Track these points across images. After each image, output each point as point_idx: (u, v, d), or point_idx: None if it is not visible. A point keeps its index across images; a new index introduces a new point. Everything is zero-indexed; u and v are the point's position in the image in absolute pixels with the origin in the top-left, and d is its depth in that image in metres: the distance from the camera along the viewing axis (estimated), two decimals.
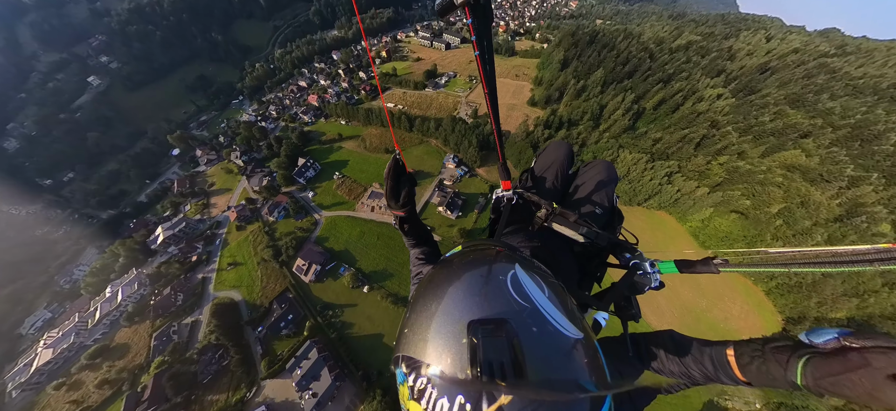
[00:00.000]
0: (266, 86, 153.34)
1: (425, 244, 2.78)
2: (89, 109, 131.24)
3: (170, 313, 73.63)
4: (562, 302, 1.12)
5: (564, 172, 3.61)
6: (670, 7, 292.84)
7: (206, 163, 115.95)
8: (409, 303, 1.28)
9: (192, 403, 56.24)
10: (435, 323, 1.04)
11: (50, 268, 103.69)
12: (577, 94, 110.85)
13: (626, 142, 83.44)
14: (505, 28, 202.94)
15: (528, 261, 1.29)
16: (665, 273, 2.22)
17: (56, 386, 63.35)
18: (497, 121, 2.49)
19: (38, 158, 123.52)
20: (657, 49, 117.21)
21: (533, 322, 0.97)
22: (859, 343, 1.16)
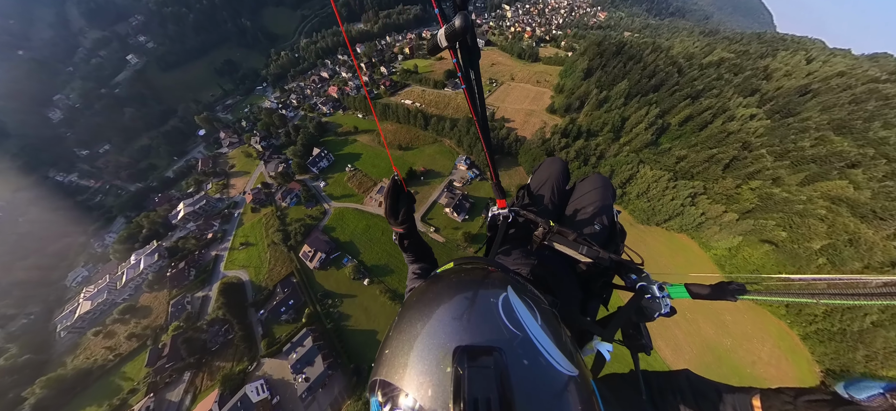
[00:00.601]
0: (289, 74, 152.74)
1: (424, 260, 2.62)
2: (127, 86, 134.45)
3: (183, 286, 75.79)
4: (555, 332, 1.00)
5: (560, 188, 3.40)
6: (702, 24, 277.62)
7: (228, 145, 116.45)
8: (395, 320, 1.12)
9: (203, 365, 59.29)
10: (418, 345, 0.92)
11: (87, 231, 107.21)
12: (598, 105, 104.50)
13: (647, 158, 77.17)
14: (530, 34, 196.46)
15: (520, 283, 1.17)
16: (675, 298, 1.93)
17: (94, 333, 69.44)
18: (489, 146, 2.32)
19: (79, 129, 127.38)
20: (686, 64, 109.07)
21: (524, 353, 0.85)
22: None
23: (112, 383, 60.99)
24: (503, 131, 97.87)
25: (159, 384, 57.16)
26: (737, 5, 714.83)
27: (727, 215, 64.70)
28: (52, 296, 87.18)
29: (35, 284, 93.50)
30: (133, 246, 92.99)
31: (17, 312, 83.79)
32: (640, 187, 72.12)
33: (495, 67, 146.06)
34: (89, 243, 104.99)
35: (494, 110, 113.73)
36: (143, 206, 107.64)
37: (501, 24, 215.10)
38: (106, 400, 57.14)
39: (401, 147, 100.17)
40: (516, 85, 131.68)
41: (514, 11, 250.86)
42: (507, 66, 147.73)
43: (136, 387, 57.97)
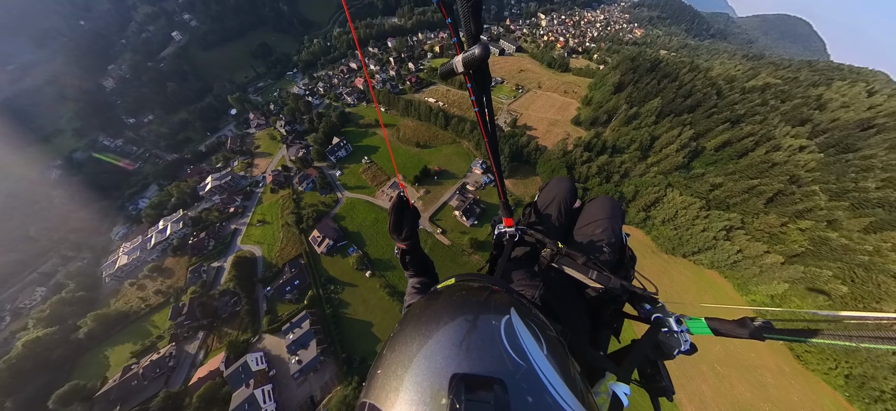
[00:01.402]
0: (319, 62, 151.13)
1: (424, 275, 2.45)
2: (171, 61, 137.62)
3: (202, 255, 77.82)
4: (563, 365, 0.86)
5: (568, 208, 3.18)
6: (745, 47, 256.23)
7: (255, 126, 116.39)
8: (389, 337, 0.98)
9: (214, 328, 62.09)
10: (413, 370, 0.78)
11: (126, 193, 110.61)
12: (626, 120, 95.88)
13: (676, 182, 68.62)
14: (563, 44, 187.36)
15: (525, 307, 1.04)
16: (695, 333, 1.69)
17: (130, 284, 74.88)
18: (498, 166, 2.11)
19: (128, 99, 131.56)
20: (727, 87, 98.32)
21: (528, 388, 0.72)
22: None
23: (144, 328, 66.19)
24: (524, 138, 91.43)
25: (180, 336, 61.26)
26: (785, 31, 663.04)
27: (770, 256, 55.03)
28: (100, 245, 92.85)
29: (86, 233, 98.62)
30: (162, 212, 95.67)
31: (74, 256, 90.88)
32: (666, 212, 63.80)
33: (523, 74, 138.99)
34: (125, 205, 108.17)
35: (517, 117, 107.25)
36: (176, 176, 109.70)
37: (535, 33, 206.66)
38: (139, 340, 62.91)
39: (419, 144, 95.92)
40: (543, 93, 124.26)
41: (549, 21, 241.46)
42: (536, 74, 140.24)
43: (162, 335, 62.52)
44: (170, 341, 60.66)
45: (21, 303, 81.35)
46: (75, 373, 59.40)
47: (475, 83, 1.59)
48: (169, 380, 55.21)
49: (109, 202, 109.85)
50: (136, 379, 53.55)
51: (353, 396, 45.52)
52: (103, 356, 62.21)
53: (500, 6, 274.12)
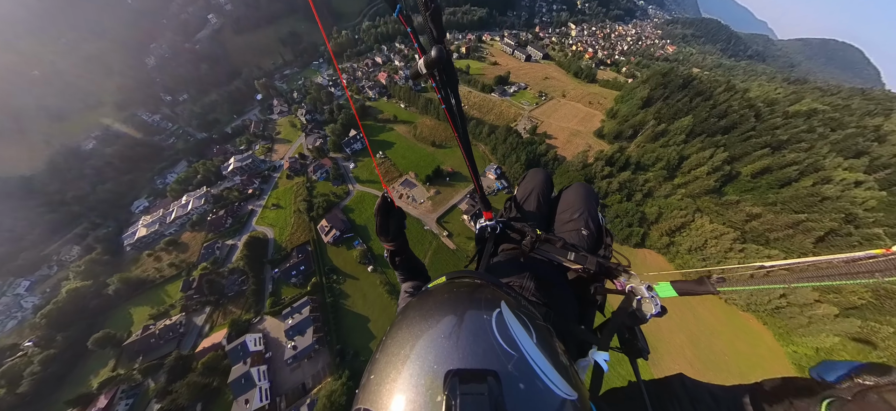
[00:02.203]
0: (345, 54, 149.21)
1: (416, 277, 2.43)
2: (205, 44, 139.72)
3: (218, 232, 79.26)
4: (552, 350, 0.88)
5: (546, 197, 3.25)
6: (786, 71, 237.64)
7: (278, 112, 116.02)
8: (382, 340, 0.96)
9: (220, 305, 63.34)
10: (406, 371, 0.77)
11: (154, 168, 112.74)
12: (653, 137, 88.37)
13: (706, 207, 61.12)
14: (591, 55, 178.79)
15: (514, 298, 1.05)
16: (664, 296, 1.82)
17: (148, 254, 77.37)
18: (471, 160, 2.20)
19: (166, 77, 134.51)
20: (767, 110, 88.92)
21: (520, 376, 0.73)
22: (874, 379, 0.97)
23: (159, 295, 69.30)
24: (542, 147, 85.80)
25: (190, 308, 63.33)
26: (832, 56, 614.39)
27: (823, 307, 47.05)
28: (122, 216, 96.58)
29: (110, 204, 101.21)
30: (187, 188, 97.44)
31: (101, 223, 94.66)
32: (694, 240, 56.53)
33: (548, 81, 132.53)
34: (153, 179, 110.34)
35: (537, 124, 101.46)
36: (204, 154, 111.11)
37: (563, 42, 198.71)
38: (156, 305, 66.17)
39: (434, 144, 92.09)
40: (566, 102, 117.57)
41: (579, 31, 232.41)
42: (561, 83, 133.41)
43: (174, 305, 65.10)
44: (180, 311, 63.09)
45: (64, 256, 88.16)
46: (107, 323, 64.42)
47: (441, 83, 1.62)
48: (180, 344, 58.46)
49: (138, 174, 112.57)
50: (153, 337, 58.28)
51: (340, 391, 43.97)
52: (128, 313, 66.77)
53: (531, 13, 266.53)
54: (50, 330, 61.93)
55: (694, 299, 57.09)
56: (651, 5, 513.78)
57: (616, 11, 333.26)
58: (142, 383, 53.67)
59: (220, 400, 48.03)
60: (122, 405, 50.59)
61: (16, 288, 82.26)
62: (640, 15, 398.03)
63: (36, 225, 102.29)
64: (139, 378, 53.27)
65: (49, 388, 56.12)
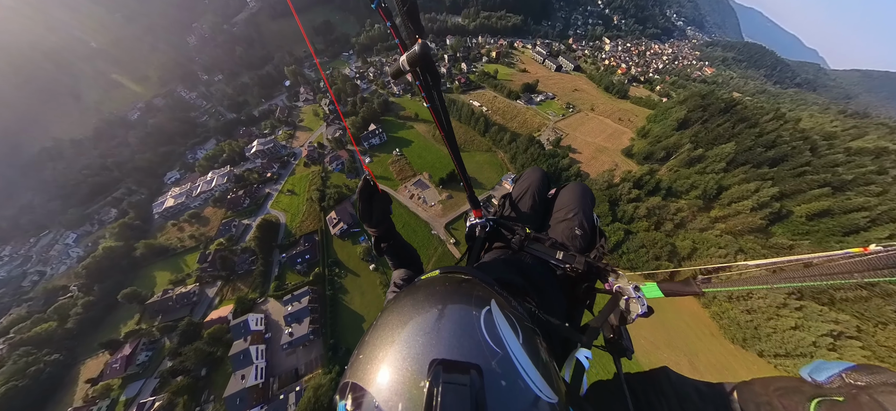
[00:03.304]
0: (376, 47, 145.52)
1: (408, 265, 2.30)
2: (242, 26, 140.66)
3: (236, 210, 79.74)
4: (537, 352, 0.87)
5: (542, 196, 3.15)
6: (841, 102, 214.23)
7: (303, 100, 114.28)
8: (373, 323, 0.96)
9: (230, 281, 64.29)
10: (394, 354, 0.78)
11: (187, 142, 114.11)
12: (689, 162, 78.95)
13: (751, 249, 51.61)
14: (624, 70, 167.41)
15: (504, 298, 1.04)
16: (650, 297, 1.80)
17: (172, 224, 79.27)
18: (458, 159, 2.19)
19: (204, 57, 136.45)
20: (824, 143, 77.07)
21: (503, 373, 0.72)
22: (865, 380, 0.93)
23: (178, 263, 71.22)
24: (565, 161, 78.48)
25: (203, 280, 65.08)
26: None
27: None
28: (155, 185, 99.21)
29: (146, 172, 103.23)
30: (213, 165, 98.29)
31: (136, 189, 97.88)
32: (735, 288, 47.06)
33: (577, 93, 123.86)
34: (184, 154, 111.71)
35: (562, 136, 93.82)
36: (231, 134, 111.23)
37: (596, 55, 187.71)
38: (174, 273, 68.68)
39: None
40: (595, 117, 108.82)
41: (613, 46, 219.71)
42: (590, 95, 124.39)
43: (190, 274, 66.80)
44: (195, 281, 65.14)
45: (103, 217, 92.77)
46: (135, 282, 67.90)
47: (424, 80, 1.55)
48: (192, 311, 60.66)
49: (173, 147, 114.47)
50: (170, 301, 61.40)
51: (328, 387, 42.69)
52: (152, 275, 69.75)
53: (566, 24, 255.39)
54: (89, 280, 67.19)
55: (686, 331, 48.53)
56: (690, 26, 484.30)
57: (653, 30, 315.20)
58: (159, 339, 57.20)
59: (222, 370, 49.21)
60: (143, 355, 55.16)
61: (65, 238, 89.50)
62: (678, 35, 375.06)
63: (82, 185, 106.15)
64: (157, 334, 56.82)
65: (89, 328, 61.51)
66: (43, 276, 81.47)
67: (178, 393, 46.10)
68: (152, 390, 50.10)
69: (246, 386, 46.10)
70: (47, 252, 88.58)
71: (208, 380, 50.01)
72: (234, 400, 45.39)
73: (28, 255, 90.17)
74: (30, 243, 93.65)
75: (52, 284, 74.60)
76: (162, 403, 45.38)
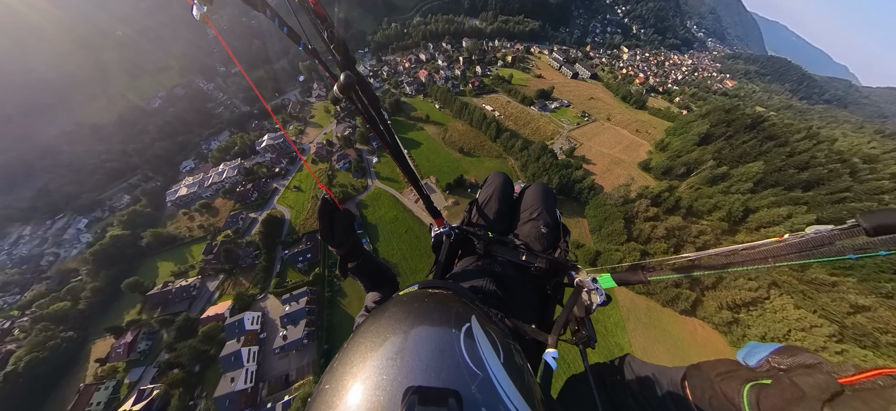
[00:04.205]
0: (391, 46, 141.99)
1: (381, 286, 2.13)
2: (260, 20, 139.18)
3: (245, 204, 79.21)
4: (518, 372, 0.79)
5: (507, 198, 3.10)
6: (876, 121, 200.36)
7: (316, 96, 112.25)
8: (342, 348, 0.85)
9: (232, 275, 63.03)
10: (364, 382, 0.68)
11: (203, 133, 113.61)
12: (711, 180, 72.97)
13: (787, 283, 46.16)
14: (642, 80, 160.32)
15: (485, 313, 0.99)
16: (606, 287, 1.85)
17: (183, 213, 78.32)
18: (410, 172, 2.18)
19: (222, 50, 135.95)
20: (866, 167, 69.84)
21: (483, 399, 0.65)
22: (787, 362, 0.96)
23: (183, 254, 69.85)
24: (579, 172, 73.53)
25: (206, 272, 63.62)
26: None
27: None
28: (170, 173, 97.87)
29: (163, 160, 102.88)
30: (225, 156, 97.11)
31: (152, 176, 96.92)
32: (770, 326, 40.55)
33: (593, 102, 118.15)
34: (200, 143, 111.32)
35: (576, 146, 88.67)
36: (244, 127, 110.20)
37: (614, 64, 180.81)
38: (178, 264, 67.29)
39: (462, 150, 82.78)
40: (610, 127, 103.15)
41: (631, 55, 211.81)
42: (607, 105, 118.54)
43: (194, 266, 65.50)
44: (198, 273, 63.88)
45: (115, 203, 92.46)
46: (139, 271, 67.62)
47: (361, 105, 1.53)
48: (191, 306, 59.39)
49: (190, 137, 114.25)
50: (170, 294, 60.68)
51: None
52: (155, 265, 68.79)
53: (584, 32, 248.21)
54: (96, 266, 67.25)
55: None
56: (711, 38, 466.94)
57: (672, 40, 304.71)
58: (158, 331, 56.91)
59: (214, 368, 48.21)
60: (143, 343, 55.07)
61: (77, 223, 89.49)
62: (698, 47, 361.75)
63: (98, 171, 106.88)
64: (156, 326, 56.57)
65: (98, 311, 62.32)
66: (58, 258, 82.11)
67: (173, 386, 46.09)
68: (152, 378, 50.51)
69: (235, 389, 44.72)
70: (61, 235, 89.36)
71: (201, 377, 49.54)
72: (224, 402, 44.51)
73: (45, 237, 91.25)
74: (46, 225, 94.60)
75: (64, 266, 75.33)
76: (159, 392, 46.12)
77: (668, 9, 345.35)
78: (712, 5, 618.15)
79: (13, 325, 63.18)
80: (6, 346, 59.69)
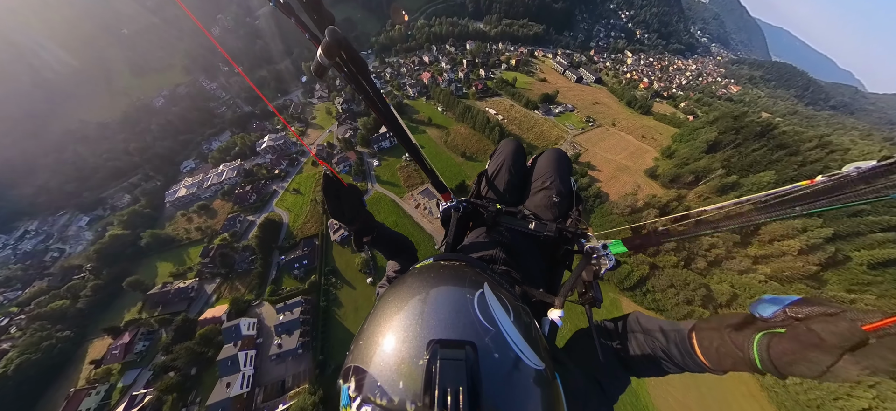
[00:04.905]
0: (394, 48, 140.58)
1: (400, 254, 2.20)
2: (264, 20, 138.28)
3: (243, 206, 77.69)
4: (526, 327, 0.92)
5: (518, 168, 2.96)
6: (884, 128, 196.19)
7: (318, 97, 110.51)
8: (370, 311, 1.00)
9: (228, 279, 61.85)
10: (394, 338, 0.82)
11: (205, 133, 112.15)
12: (720, 189, 70.40)
13: None
14: (646, 85, 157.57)
15: (496, 280, 1.10)
16: (616, 253, 1.88)
17: (182, 214, 77.16)
18: (410, 145, 1.87)
19: (226, 49, 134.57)
20: None
21: (495, 347, 0.78)
22: (805, 312, 0.94)
23: (181, 256, 68.87)
24: (585, 180, 71.23)
25: (203, 275, 62.85)
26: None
27: None
28: (170, 173, 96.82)
29: (164, 159, 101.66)
30: (226, 157, 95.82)
31: (153, 176, 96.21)
32: None
33: (597, 107, 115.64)
34: (201, 143, 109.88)
35: (581, 151, 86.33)
36: (245, 127, 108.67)
37: (618, 68, 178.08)
38: (176, 265, 66.43)
39: (465, 154, 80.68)
40: (615, 132, 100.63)
41: (635, 59, 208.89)
42: (611, 110, 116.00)
43: (191, 268, 64.64)
44: (195, 276, 63.21)
45: (116, 202, 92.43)
46: (139, 270, 67.20)
47: (348, 71, 1.37)
48: (189, 307, 58.91)
49: (192, 136, 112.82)
50: (170, 294, 60.20)
51: (310, 409, 39.90)
52: (155, 265, 68.10)
53: (588, 36, 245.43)
54: (99, 264, 66.93)
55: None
56: (715, 43, 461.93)
57: (676, 45, 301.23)
58: (157, 330, 56.13)
59: (211, 371, 47.36)
60: (141, 344, 54.24)
61: (79, 221, 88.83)
62: (702, 51, 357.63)
63: (100, 169, 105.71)
64: (155, 325, 55.78)
65: (98, 310, 61.22)
66: (62, 254, 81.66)
67: (167, 391, 44.89)
68: (146, 381, 49.37)
69: (230, 395, 43.36)
70: (65, 231, 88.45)
71: (197, 380, 48.10)
72: (217, 410, 42.76)
73: (50, 232, 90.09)
74: (50, 221, 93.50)
75: (68, 263, 75.16)
76: (151, 399, 44.99)
77: (671, 14, 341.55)
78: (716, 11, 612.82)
79: (10, 323, 62.91)
80: (1, 345, 58.13)
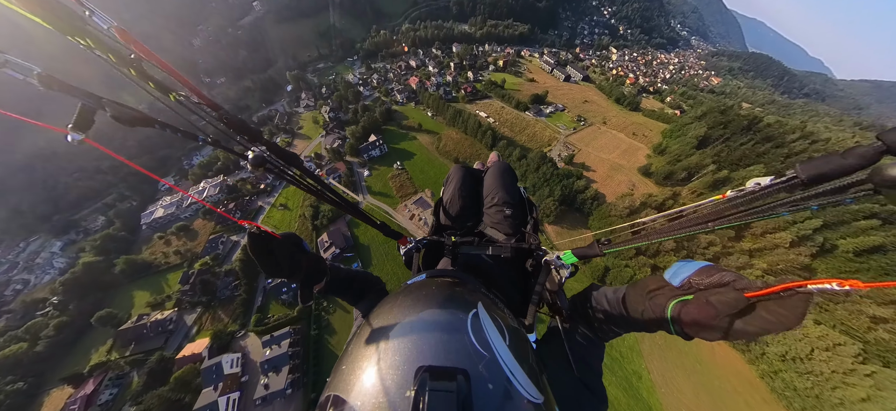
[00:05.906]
0: (380, 53, 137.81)
1: (367, 294, 2.02)
2: (247, 30, 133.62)
3: (226, 225, 72.91)
4: (523, 353, 0.83)
5: (470, 191, 2.97)
6: (852, 113, 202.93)
7: (304, 106, 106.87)
8: (356, 332, 0.93)
9: (210, 308, 57.64)
10: (380, 363, 0.72)
11: (185, 147, 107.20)
12: (713, 185, 70.51)
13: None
14: (633, 80, 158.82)
15: (491, 300, 1.04)
16: (569, 262, 1.92)
17: (159, 237, 72.33)
18: (354, 209, 2.09)
19: (207, 59, 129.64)
20: None
21: (490, 377, 0.70)
22: (706, 281, 1.01)
23: (159, 283, 64.08)
24: (581, 182, 70.20)
25: (183, 304, 58.24)
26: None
27: None
28: (149, 192, 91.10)
29: (141, 178, 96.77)
30: (207, 173, 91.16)
31: (129, 195, 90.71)
32: (791, 345, 37.98)
33: (587, 105, 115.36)
34: (181, 159, 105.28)
35: (575, 152, 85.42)
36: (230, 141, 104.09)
37: (604, 65, 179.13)
38: (154, 293, 61.33)
39: (457, 160, 78.54)
40: (607, 130, 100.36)
41: (620, 55, 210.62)
42: (602, 108, 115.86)
43: (170, 296, 59.75)
44: (174, 305, 58.68)
45: (89, 224, 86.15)
46: (113, 302, 61.47)
47: (279, 169, 1.52)
48: (166, 342, 54.24)
49: (171, 152, 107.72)
50: (145, 328, 54.62)
51: None
52: (130, 295, 62.92)
53: (573, 34, 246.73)
54: (67, 297, 61.11)
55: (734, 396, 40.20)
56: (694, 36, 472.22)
57: (658, 40, 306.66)
58: (128, 374, 50.52)
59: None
60: (107, 393, 47.94)
61: (51, 246, 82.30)
62: (683, 45, 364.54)
63: (72, 189, 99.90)
64: (126, 368, 50.37)
65: (61, 351, 55.18)
66: (26, 285, 74.75)
67: None
68: None
69: None
70: (34, 259, 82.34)
71: None
72: None
73: (15, 261, 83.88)
74: (19, 248, 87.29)
75: (31, 297, 68.01)
76: None
77: (652, 8, 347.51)
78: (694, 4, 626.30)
79: None
80: None
